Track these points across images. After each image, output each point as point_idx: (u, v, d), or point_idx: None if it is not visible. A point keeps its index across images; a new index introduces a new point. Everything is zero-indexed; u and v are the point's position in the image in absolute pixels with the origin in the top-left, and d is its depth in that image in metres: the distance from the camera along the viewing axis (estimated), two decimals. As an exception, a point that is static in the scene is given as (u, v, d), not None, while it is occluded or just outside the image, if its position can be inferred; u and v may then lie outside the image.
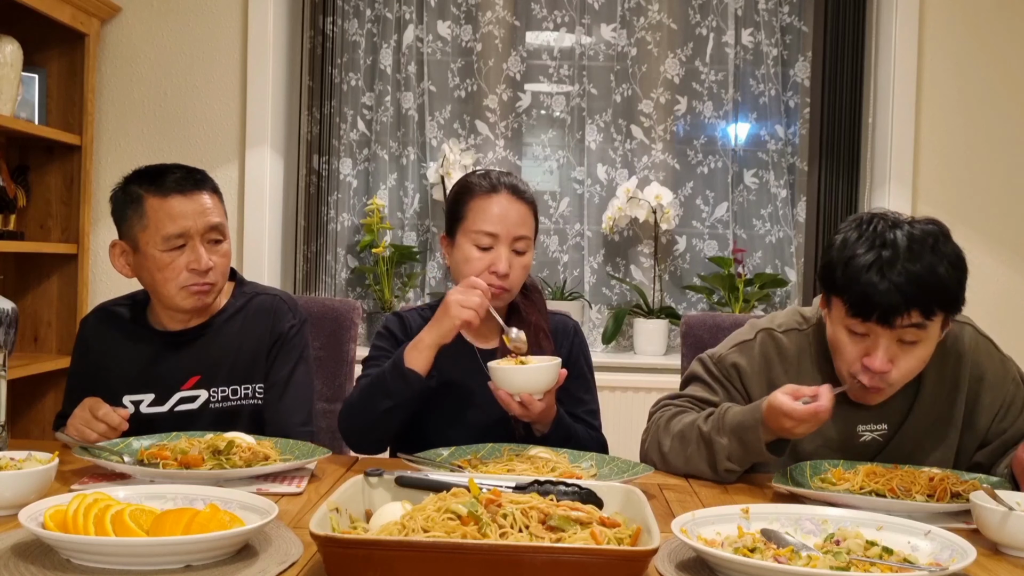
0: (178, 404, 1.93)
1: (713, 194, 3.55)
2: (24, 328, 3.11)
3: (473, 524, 1.10)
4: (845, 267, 1.62)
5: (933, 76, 3.33)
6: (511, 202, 1.92)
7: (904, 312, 1.57)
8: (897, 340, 1.62)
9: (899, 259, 1.58)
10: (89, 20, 3.17)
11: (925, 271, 1.57)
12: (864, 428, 1.78)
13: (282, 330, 1.99)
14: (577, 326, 2.06)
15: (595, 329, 3.54)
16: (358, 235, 3.52)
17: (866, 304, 1.59)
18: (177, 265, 1.87)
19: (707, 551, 1.16)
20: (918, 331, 1.61)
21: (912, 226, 1.63)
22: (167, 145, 3.36)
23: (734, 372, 1.83)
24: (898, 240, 1.60)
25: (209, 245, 1.89)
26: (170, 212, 1.86)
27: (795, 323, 1.85)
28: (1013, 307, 3.32)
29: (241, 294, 2.03)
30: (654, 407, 1.89)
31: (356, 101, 3.51)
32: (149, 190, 1.87)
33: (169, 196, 1.86)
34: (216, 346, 1.96)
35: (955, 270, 1.61)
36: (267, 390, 1.97)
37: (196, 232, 1.87)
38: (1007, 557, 1.32)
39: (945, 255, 1.60)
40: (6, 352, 1.67)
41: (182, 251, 1.87)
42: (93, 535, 1.16)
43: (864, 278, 1.58)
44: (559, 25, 3.54)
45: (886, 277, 1.57)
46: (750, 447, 1.65)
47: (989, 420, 1.79)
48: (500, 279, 1.89)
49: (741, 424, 1.66)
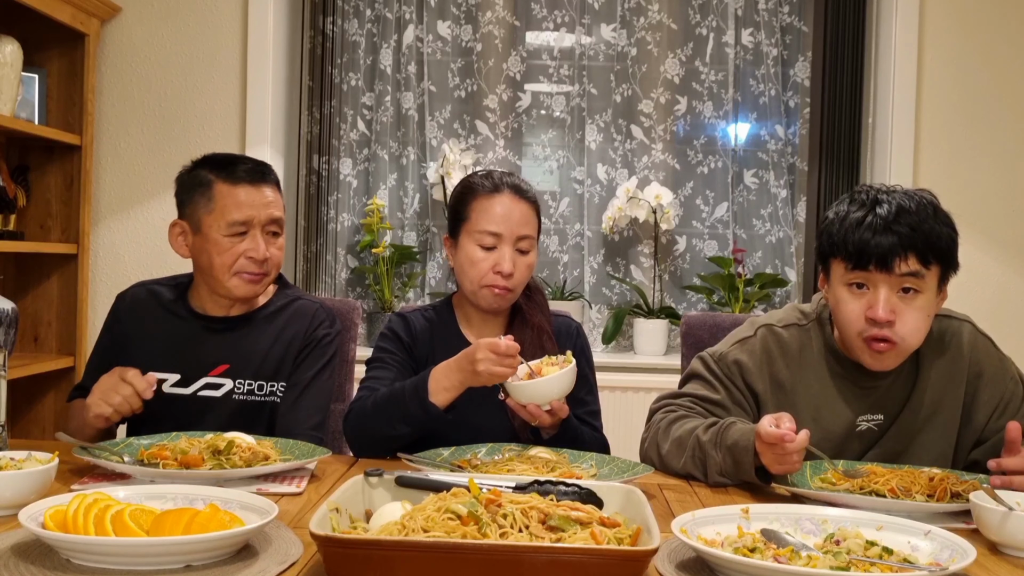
0: (202, 389, 1.96)
1: (713, 194, 3.55)
2: (24, 328, 3.11)
3: (473, 524, 1.10)
4: (841, 225, 1.68)
5: (933, 76, 3.33)
6: (514, 202, 1.92)
7: (901, 254, 1.63)
8: (897, 291, 1.66)
9: (893, 211, 1.65)
10: (89, 20, 3.17)
11: (919, 220, 1.64)
12: (862, 418, 1.80)
13: (316, 336, 2.02)
14: (580, 328, 2.07)
15: (595, 329, 3.54)
16: (358, 235, 3.52)
17: (864, 252, 1.64)
18: (236, 250, 1.92)
19: (707, 551, 1.16)
20: (916, 279, 1.65)
21: (904, 191, 1.71)
22: (167, 145, 3.36)
23: (735, 369, 1.83)
24: (892, 199, 1.67)
25: (268, 236, 1.95)
26: (237, 200, 1.92)
27: (795, 318, 1.86)
28: (1012, 307, 3.32)
29: (283, 295, 2.07)
30: (655, 405, 1.89)
31: (356, 101, 3.51)
32: (220, 176, 1.93)
33: (239, 184, 1.93)
34: (250, 339, 1.99)
35: (947, 228, 1.67)
36: (287, 389, 1.98)
37: (258, 222, 1.93)
38: (1007, 557, 1.32)
39: (938, 213, 1.68)
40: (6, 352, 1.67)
41: (243, 238, 1.93)
42: (93, 535, 1.16)
43: (860, 230, 1.65)
44: (559, 25, 3.54)
45: (884, 226, 1.63)
46: (741, 467, 1.64)
47: (986, 417, 1.80)
48: (504, 279, 1.89)
49: (737, 444, 1.64)
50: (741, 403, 1.82)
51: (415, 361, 1.99)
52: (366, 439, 1.84)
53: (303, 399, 1.97)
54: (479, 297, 1.94)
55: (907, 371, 1.78)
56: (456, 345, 1.83)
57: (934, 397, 1.79)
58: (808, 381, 1.81)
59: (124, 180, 3.36)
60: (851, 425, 1.79)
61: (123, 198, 3.38)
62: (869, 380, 1.78)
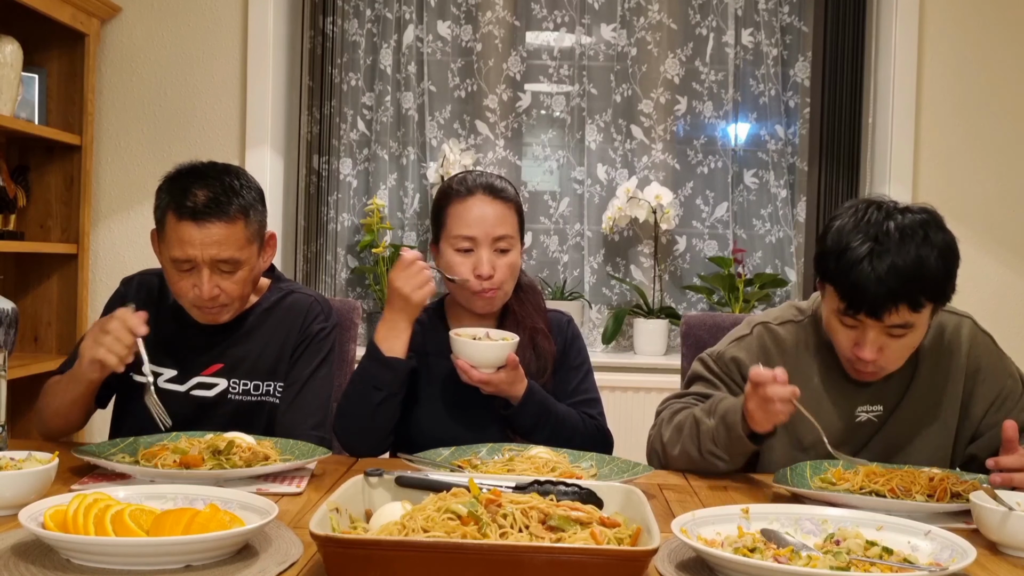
0: (195, 388, 1.92)
1: (713, 194, 3.55)
2: (24, 328, 3.11)
3: (473, 524, 1.10)
4: (838, 259, 1.66)
5: (933, 76, 3.33)
6: (487, 203, 1.92)
7: (892, 307, 1.62)
8: (886, 332, 1.67)
9: (889, 253, 1.61)
10: (89, 20, 3.17)
11: (913, 266, 1.61)
12: (862, 409, 1.82)
13: (311, 331, 1.97)
14: (571, 320, 2.08)
15: (595, 329, 3.54)
16: (358, 235, 3.52)
17: (856, 298, 1.64)
18: (186, 284, 1.83)
19: (707, 551, 1.16)
20: (904, 328, 1.66)
21: (904, 215, 1.66)
22: (167, 145, 3.36)
23: (734, 366, 1.86)
24: (890, 232, 1.63)
25: (219, 274, 1.82)
26: (180, 236, 1.79)
27: (791, 315, 1.90)
28: (1011, 307, 3.32)
29: (277, 289, 2.02)
30: (661, 405, 1.92)
31: (356, 101, 3.51)
32: (171, 205, 1.81)
33: (183, 220, 1.79)
34: (244, 339, 1.94)
35: (944, 261, 1.64)
36: (285, 388, 1.95)
37: (203, 261, 1.80)
38: (1007, 557, 1.32)
39: (935, 245, 1.64)
40: (6, 352, 1.67)
41: (190, 273, 1.82)
42: (93, 535, 1.16)
43: (855, 272, 1.63)
44: (559, 25, 3.54)
45: (875, 272, 1.61)
46: (732, 430, 1.68)
47: (983, 411, 1.82)
48: (486, 280, 1.90)
49: (729, 410, 1.70)
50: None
51: None
52: (355, 428, 1.86)
53: (302, 398, 1.93)
54: (464, 301, 1.96)
55: (906, 364, 1.79)
56: (447, 346, 1.84)
57: (933, 390, 1.82)
58: (807, 374, 1.83)
59: (124, 180, 3.36)
60: (851, 416, 1.82)
61: (123, 198, 3.38)
62: None
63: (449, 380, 1.89)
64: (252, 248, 1.86)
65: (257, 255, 1.89)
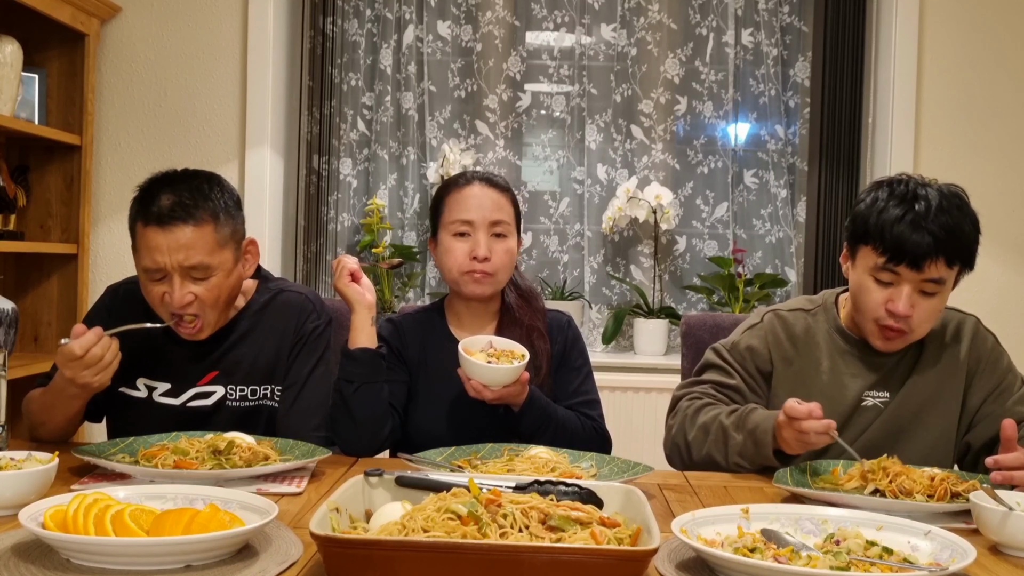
0: (192, 399, 1.88)
1: (713, 194, 3.55)
2: (24, 328, 3.11)
3: (473, 524, 1.10)
4: (879, 216, 1.74)
5: (933, 76, 3.33)
6: (484, 189, 1.96)
7: (933, 257, 1.70)
8: (919, 289, 1.73)
9: (931, 211, 1.71)
10: (89, 20, 3.17)
11: (955, 223, 1.71)
12: (868, 394, 1.86)
13: (306, 330, 1.93)
14: (571, 320, 2.09)
15: (595, 329, 3.54)
16: (358, 235, 3.52)
17: (900, 250, 1.71)
18: (158, 292, 1.77)
19: (707, 551, 1.16)
20: (937, 284, 1.73)
21: (939, 187, 1.77)
22: (167, 145, 3.36)
23: (748, 355, 1.91)
24: (929, 196, 1.73)
25: (189, 280, 1.76)
26: (147, 243, 1.74)
27: (801, 305, 1.96)
28: (1012, 307, 3.32)
29: (265, 290, 1.96)
30: (678, 392, 1.94)
31: (356, 101, 3.51)
32: (140, 212, 1.77)
33: (149, 226, 1.74)
34: (238, 343, 1.90)
35: (975, 231, 1.76)
36: (284, 390, 1.91)
37: (172, 268, 1.74)
38: (1007, 557, 1.32)
39: (968, 215, 1.76)
40: (6, 352, 1.66)
41: (162, 282, 1.76)
42: (93, 535, 1.15)
43: (899, 226, 1.71)
44: (559, 25, 3.54)
45: (921, 226, 1.70)
46: (761, 448, 1.72)
47: (980, 400, 1.86)
48: (482, 263, 1.90)
49: (758, 427, 1.72)
50: (755, 388, 1.90)
51: (406, 364, 1.99)
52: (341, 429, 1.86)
53: (302, 399, 1.90)
54: (460, 286, 1.96)
55: (911, 352, 1.86)
56: (446, 346, 1.85)
57: (935, 381, 1.86)
58: (816, 357, 1.88)
59: (124, 180, 3.36)
60: (857, 400, 1.86)
61: (123, 198, 3.34)
62: (874, 356, 1.86)
63: (449, 380, 1.89)
64: (224, 254, 1.80)
65: (233, 261, 1.83)
